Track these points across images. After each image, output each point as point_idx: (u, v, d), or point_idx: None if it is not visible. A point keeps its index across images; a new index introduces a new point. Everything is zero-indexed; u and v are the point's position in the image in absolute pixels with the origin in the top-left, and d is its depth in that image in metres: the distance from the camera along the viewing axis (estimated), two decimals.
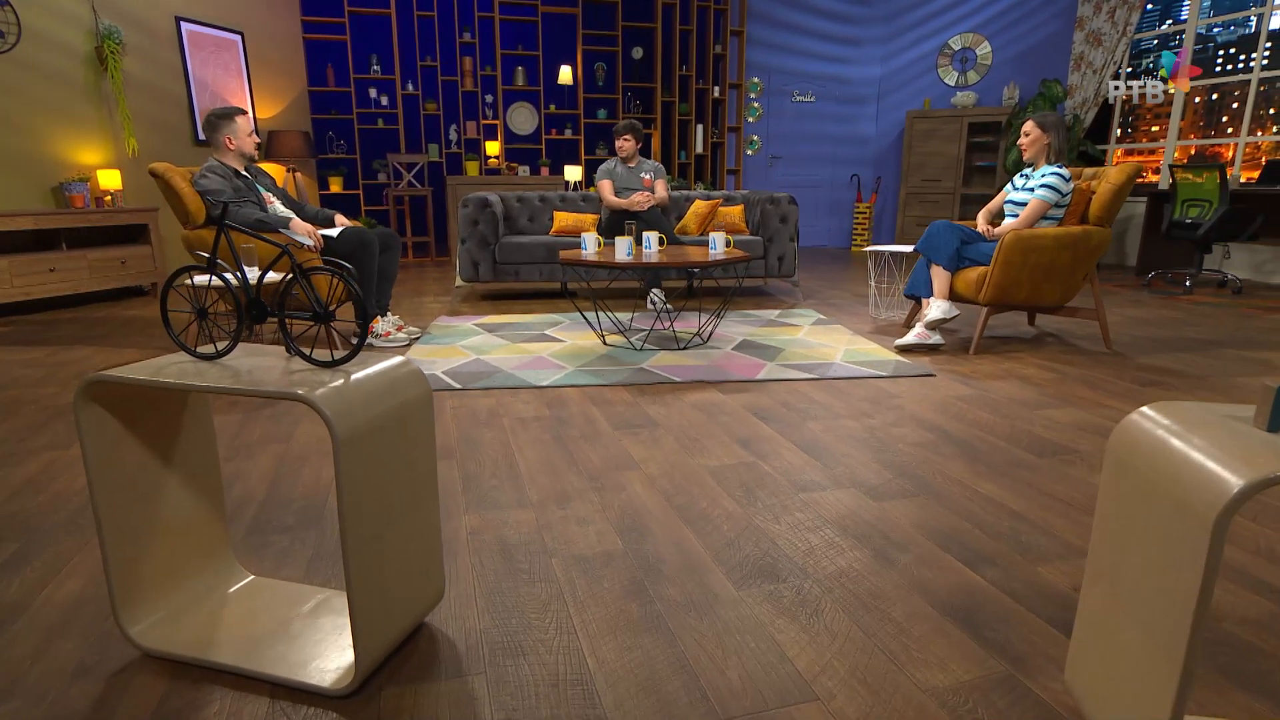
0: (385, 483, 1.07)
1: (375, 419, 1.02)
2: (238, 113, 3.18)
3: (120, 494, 1.14)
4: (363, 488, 1.01)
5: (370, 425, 1.01)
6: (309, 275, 1.04)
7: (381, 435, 1.04)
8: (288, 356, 1.13)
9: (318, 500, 1.73)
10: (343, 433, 0.95)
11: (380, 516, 1.06)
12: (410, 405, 1.11)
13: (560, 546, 1.51)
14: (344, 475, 0.96)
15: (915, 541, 1.53)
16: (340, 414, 0.96)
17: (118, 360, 3.10)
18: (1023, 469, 1.93)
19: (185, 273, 1.08)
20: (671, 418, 2.34)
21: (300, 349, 1.07)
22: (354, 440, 0.98)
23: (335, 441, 0.94)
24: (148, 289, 4.99)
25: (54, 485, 1.82)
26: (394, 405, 1.07)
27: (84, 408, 1.07)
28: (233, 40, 5.73)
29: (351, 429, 0.97)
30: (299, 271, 1.03)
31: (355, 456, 0.98)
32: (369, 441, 1.01)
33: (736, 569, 1.42)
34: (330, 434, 0.93)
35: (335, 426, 0.94)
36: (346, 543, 1.00)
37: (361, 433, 0.99)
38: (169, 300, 3.99)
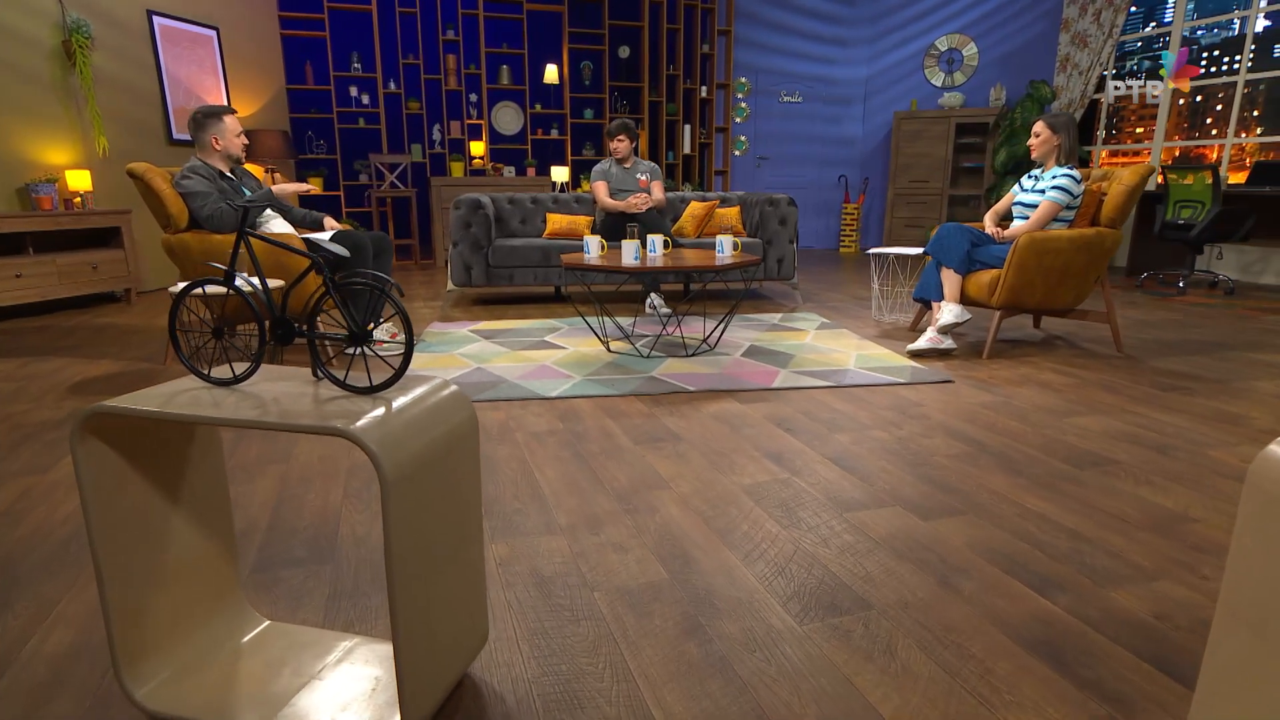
0: (433, 522, 0.95)
1: (422, 452, 0.90)
2: (226, 112, 3.01)
3: (122, 537, 1.00)
4: (411, 531, 0.89)
5: (418, 460, 0.89)
6: (344, 290, 0.91)
7: (429, 470, 0.92)
8: (314, 380, 1.01)
9: (328, 528, 1.60)
10: (391, 472, 0.83)
11: (429, 560, 0.94)
12: (456, 433, 0.99)
13: (600, 578, 1.40)
14: (392, 520, 0.84)
15: (975, 565, 1.44)
16: (387, 450, 0.83)
17: (93, 372, 2.91)
18: (1066, 482, 1.85)
19: (198, 286, 0.95)
20: (692, 430, 2.24)
21: (332, 373, 0.95)
22: (402, 480, 0.86)
23: (384, 483, 0.82)
24: (120, 295, 4.76)
25: (32, 516, 1.67)
26: (440, 434, 0.95)
27: (82, 442, 0.93)
28: (208, 35, 5.51)
29: (400, 467, 0.85)
30: (333, 286, 0.91)
31: (404, 497, 0.86)
32: (417, 479, 0.89)
33: (794, 600, 1.32)
34: (378, 475, 0.81)
35: (384, 466, 0.82)
36: (395, 594, 0.87)
37: (409, 470, 0.87)
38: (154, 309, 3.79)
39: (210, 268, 2.81)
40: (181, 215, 2.89)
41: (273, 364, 1.09)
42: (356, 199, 6.91)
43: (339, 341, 0.91)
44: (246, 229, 0.97)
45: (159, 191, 2.81)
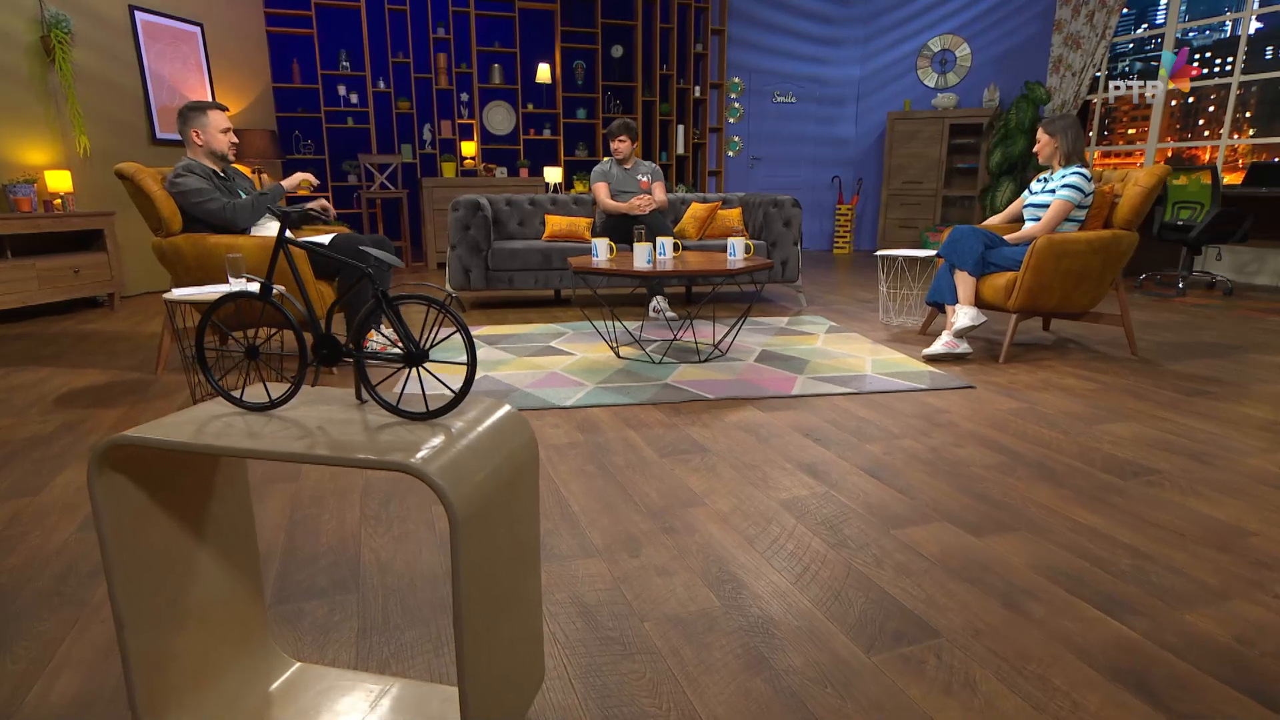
0: (499, 558, 0.86)
1: (487, 484, 0.81)
2: (210, 106, 2.89)
3: (144, 577, 0.90)
4: (479, 571, 0.80)
5: (484, 493, 0.80)
6: (397, 305, 0.82)
7: (494, 502, 0.83)
8: (358, 404, 0.91)
9: (348, 554, 1.50)
10: (461, 510, 0.74)
11: (494, 599, 0.85)
12: (516, 459, 0.90)
13: (648, 605, 1.31)
14: (463, 562, 0.75)
15: (1039, 586, 1.38)
16: (455, 485, 0.74)
17: (79, 383, 2.78)
18: (1112, 493, 1.79)
19: (231, 300, 0.86)
20: (718, 441, 2.16)
21: (383, 397, 0.85)
22: (471, 518, 0.76)
23: (454, 523, 0.73)
24: (103, 300, 4.59)
25: (24, 544, 1.55)
26: (502, 461, 0.86)
27: (101, 476, 0.83)
28: (191, 32, 5.35)
29: (468, 503, 0.76)
30: (385, 301, 0.81)
31: (472, 536, 0.77)
32: (484, 514, 0.80)
33: (858, 629, 1.25)
34: (448, 514, 0.72)
35: (454, 505, 0.73)
36: (464, 642, 0.78)
37: (477, 505, 0.78)
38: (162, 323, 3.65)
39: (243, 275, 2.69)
40: (174, 218, 2.76)
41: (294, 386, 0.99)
42: (345, 200, 6.76)
43: (394, 362, 0.82)
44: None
45: (150, 193, 2.68)
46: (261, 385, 0.94)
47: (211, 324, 2.98)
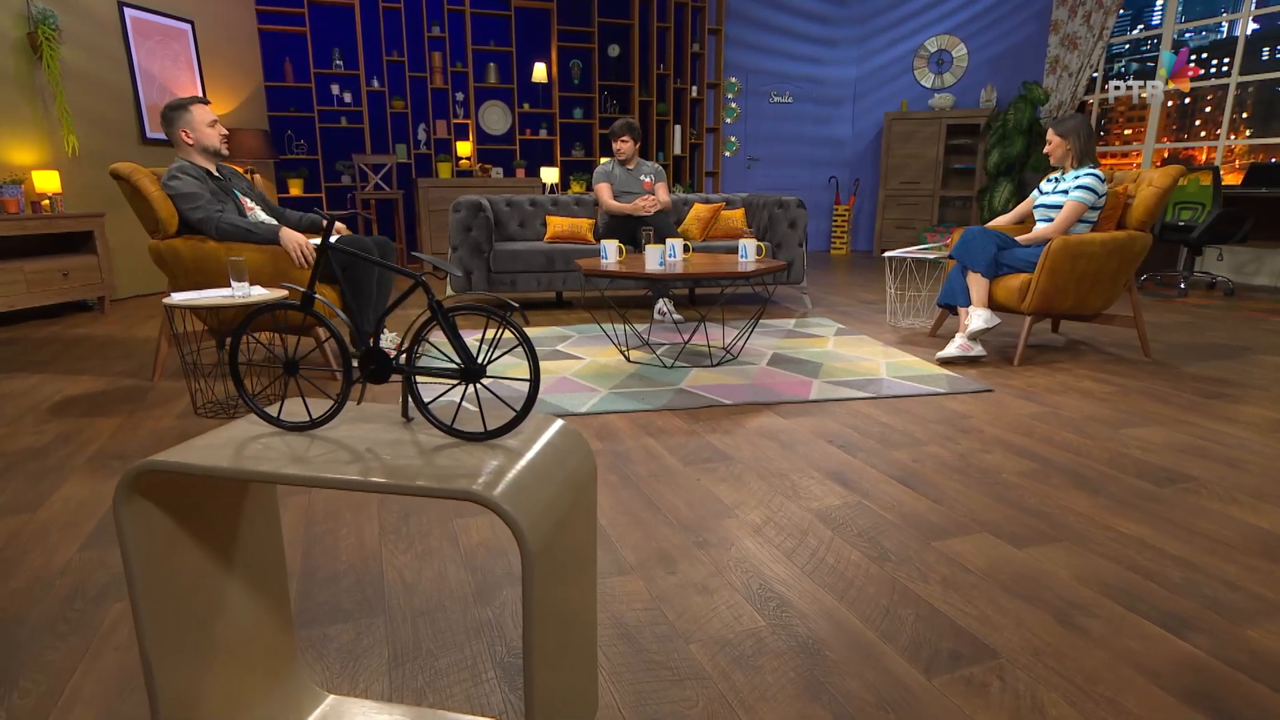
0: (565, 588, 0.79)
1: (554, 511, 0.75)
2: (193, 101, 2.77)
3: (172, 610, 0.83)
4: (549, 606, 0.74)
5: (552, 522, 0.74)
6: (451, 316, 0.76)
7: (560, 529, 0.77)
8: (404, 422, 0.85)
9: (370, 573, 1.43)
10: (534, 543, 0.68)
11: (561, 633, 0.79)
12: (576, 480, 0.84)
13: (691, 626, 1.25)
14: (535, 598, 0.69)
15: (1093, 601, 1.33)
16: (526, 514, 0.68)
17: (74, 390, 2.68)
18: (1150, 501, 1.75)
19: (267, 311, 0.79)
20: (741, 449, 2.10)
21: (436, 417, 0.79)
22: (544, 551, 0.70)
23: (526, 557, 0.67)
24: (93, 304, 4.48)
25: (25, 565, 1.47)
26: (563, 485, 0.80)
27: (128, 504, 0.76)
28: (182, 29, 5.23)
29: (541, 535, 0.70)
30: (439, 312, 0.75)
31: (544, 569, 0.71)
32: (552, 544, 0.74)
33: (912, 649, 1.19)
34: (521, 548, 0.66)
35: (527, 538, 0.66)
36: (532, 682, 0.72)
37: (548, 535, 0.72)
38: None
39: (286, 288, 2.54)
40: (172, 219, 2.67)
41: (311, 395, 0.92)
42: (339, 201, 6.65)
43: (448, 377, 0.75)
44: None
45: (147, 194, 2.59)
46: (283, 401, 0.87)
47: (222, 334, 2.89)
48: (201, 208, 2.65)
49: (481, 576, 1.41)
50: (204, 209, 2.65)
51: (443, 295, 4.16)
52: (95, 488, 1.83)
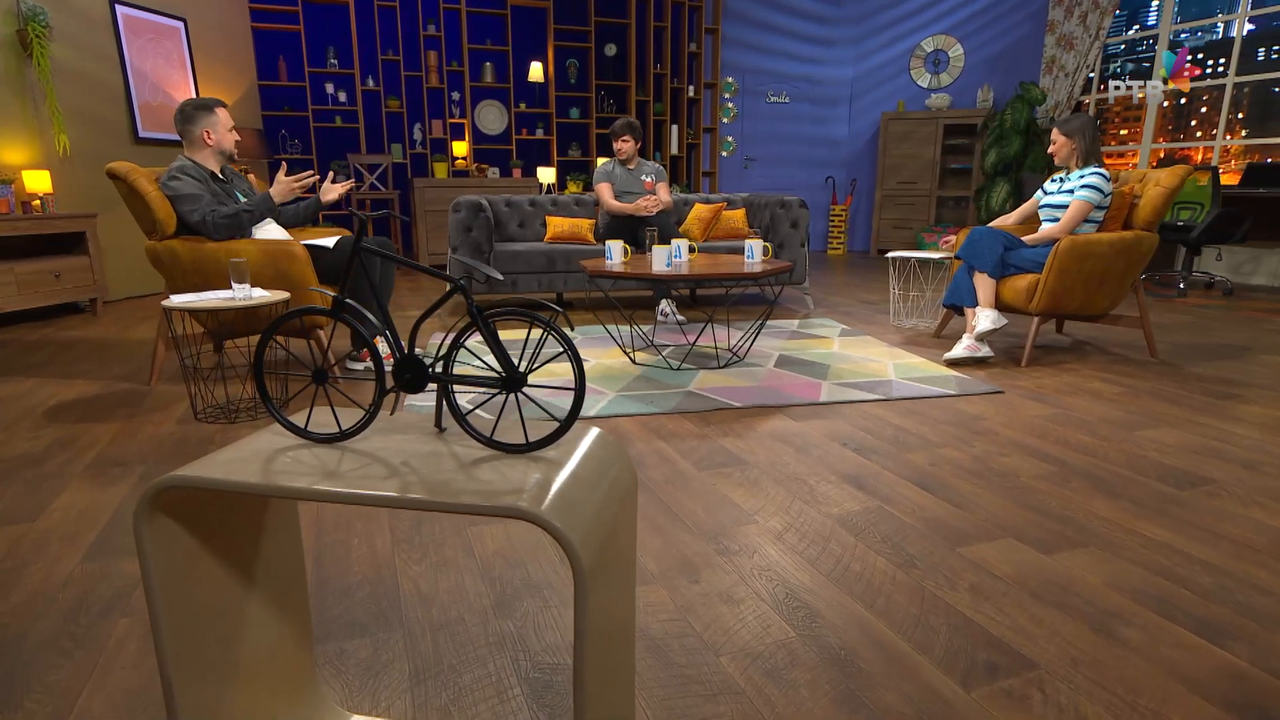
0: (613, 607, 0.76)
1: (599, 523, 0.71)
2: (217, 104, 2.75)
3: (193, 632, 0.79)
4: (599, 627, 0.70)
5: (601, 540, 0.70)
6: (492, 323, 0.72)
7: (607, 545, 0.73)
8: (436, 432, 0.81)
9: (384, 584, 1.39)
10: (587, 561, 0.64)
11: (608, 652, 0.76)
12: (617, 491, 0.81)
13: (720, 638, 1.22)
14: (589, 620, 0.65)
15: (1127, 608, 1.30)
16: (578, 531, 0.65)
17: (69, 394, 2.62)
18: (1171, 505, 1.73)
19: (295, 317, 0.75)
20: (755, 452, 2.07)
21: (474, 427, 0.75)
22: (596, 570, 0.67)
23: (580, 577, 0.63)
24: (85, 305, 4.40)
25: (27, 578, 1.42)
26: (607, 498, 0.77)
27: (149, 522, 0.72)
28: (174, 27, 5.16)
29: (592, 552, 0.66)
30: (480, 321, 0.71)
31: (595, 589, 0.67)
32: (602, 562, 0.70)
33: (948, 660, 1.16)
34: (574, 570, 0.62)
35: (581, 558, 0.63)
36: (584, 709, 0.68)
37: (598, 552, 0.68)
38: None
39: (316, 294, 2.51)
40: (170, 220, 2.61)
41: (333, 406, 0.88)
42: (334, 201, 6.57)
43: (488, 386, 0.72)
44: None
45: (144, 194, 2.54)
46: (311, 411, 0.84)
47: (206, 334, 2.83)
48: (199, 211, 2.60)
49: (500, 588, 1.38)
50: (201, 212, 2.60)
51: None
52: (95, 496, 1.78)
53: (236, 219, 2.62)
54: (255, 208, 2.68)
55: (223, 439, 2.18)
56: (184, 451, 2.08)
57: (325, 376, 0.77)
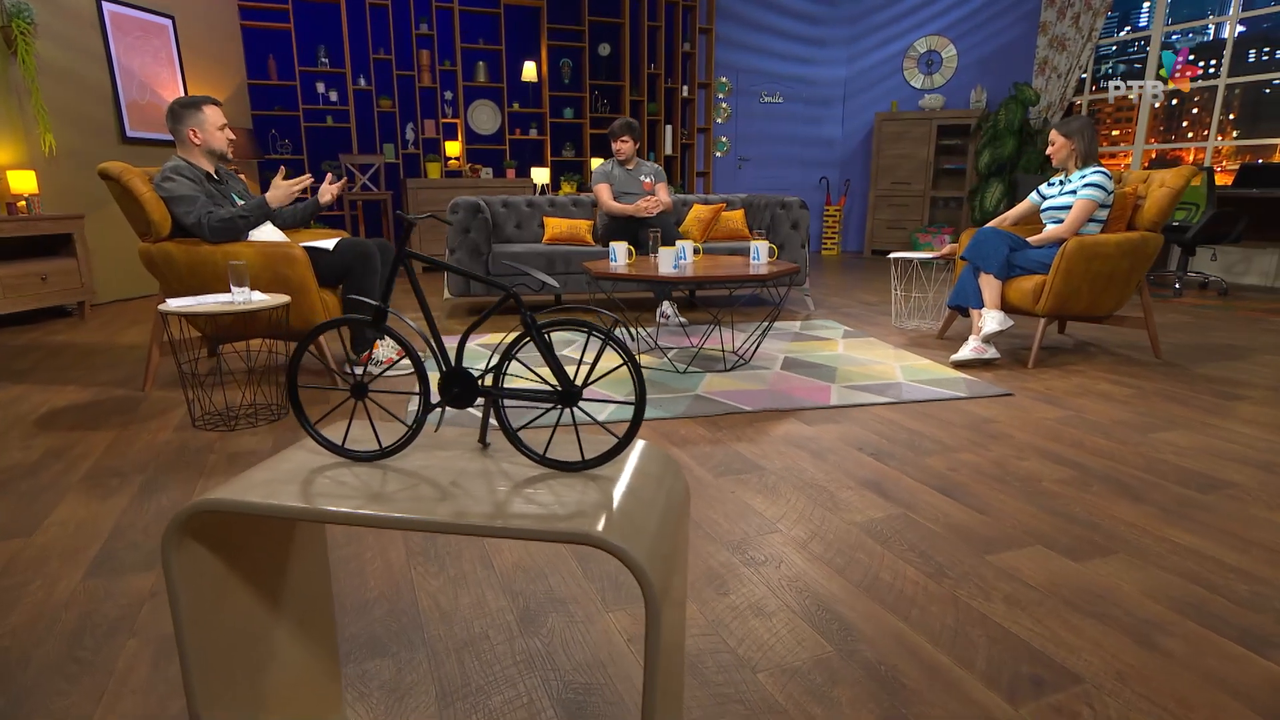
0: (676, 630, 0.72)
1: (662, 544, 0.67)
2: (206, 101, 2.67)
3: (222, 660, 0.74)
4: (667, 654, 0.66)
5: (664, 558, 0.66)
6: (545, 333, 0.68)
7: (671, 567, 0.69)
8: (480, 448, 0.76)
9: (403, 600, 1.34)
10: (659, 586, 0.60)
11: (670, 674, 0.71)
12: (676, 509, 0.77)
13: (755, 654, 1.18)
14: (662, 651, 0.61)
15: (1166, 618, 1.28)
16: (649, 557, 0.60)
17: (60, 401, 2.55)
18: (1195, 509, 1.72)
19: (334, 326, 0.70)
20: (771, 458, 2.03)
21: (526, 444, 0.71)
22: (665, 597, 0.63)
23: (651, 606, 0.59)
24: (73, 309, 4.31)
25: (26, 597, 1.36)
26: (665, 514, 0.73)
27: (178, 550, 0.67)
28: (162, 25, 5.06)
29: (659, 576, 0.62)
30: (534, 330, 0.67)
31: (665, 616, 0.63)
32: (669, 587, 0.66)
33: (990, 674, 1.13)
34: (645, 594, 0.58)
35: (654, 587, 0.59)
36: None
37: (665, 577, 0.64)
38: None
39: (355, 302, 2.43)
40: (164, 222, 2.54)
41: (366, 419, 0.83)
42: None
43: (542, 400, 0.68)
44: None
45: (139, 195, 2.47)
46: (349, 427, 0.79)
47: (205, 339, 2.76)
48: (195, 212, 2.53)
49: (523, 602, 1.33)
50: (197, 213, 2.54)
51: (442, 296, 4.05)
52: (93, 508, 1.72)
53: (231, 224, 2.55)
54: (250, 213, 2.61)
55: (223, 447, 2.12)
56: (184, 460, 2.01)
57: (365, 391, 0.72)
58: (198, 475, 1.91)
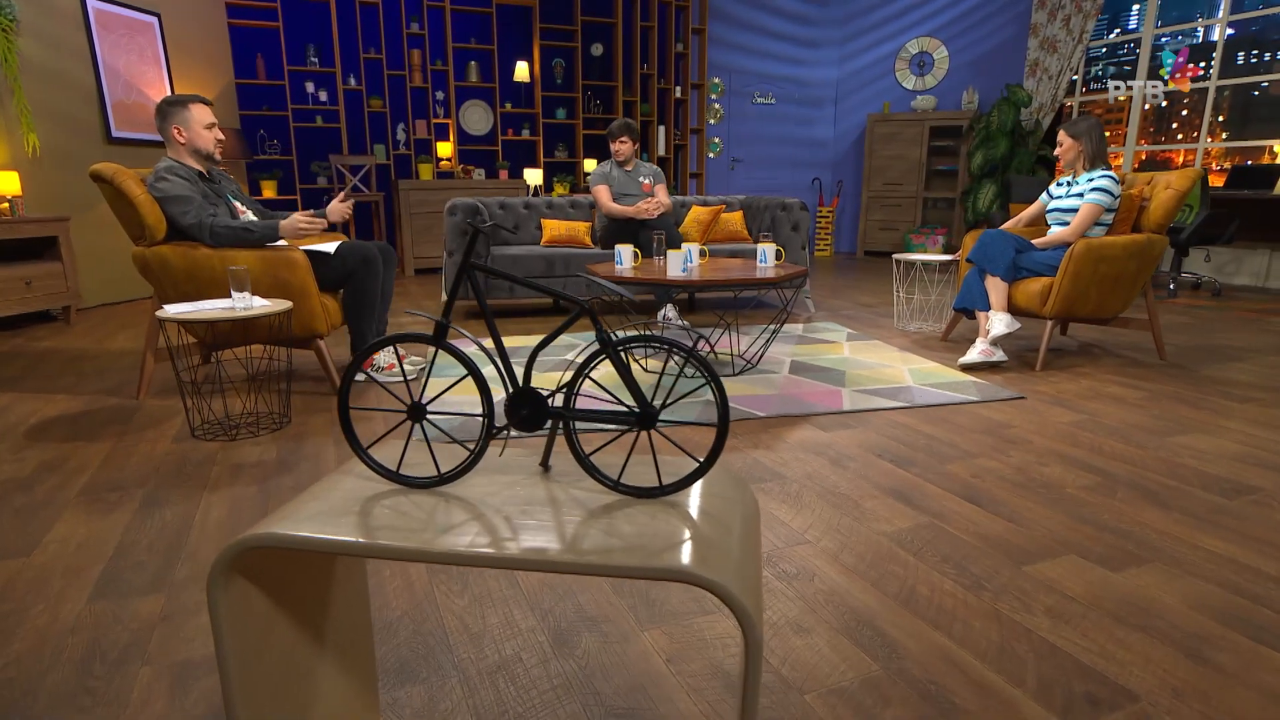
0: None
1: (752, 575, 0.63)
2: (193, 100, 2.59)
3: (269, 703, 0.69)
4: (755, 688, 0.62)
5: (756, 594, 0.62)
6: (622, 351, 0.63)
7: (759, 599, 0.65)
8: (542, 472, 0.72)
9: (429, 622, 1.29)
10: (757, 619, 0.56)
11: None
12: (752, 530, 0.72)
13: (800, 674, 1.14)
14: (758, 689, 0.57)
15: (1213, 631, 1.25)
16: (745, 592, 0.56)
17: (50, 411, 2.46)
18: (1224, 515, 1.70)
19: (392, 342, 0.66)
20: (790, 466, 2.00)
21: (603, 473, 0.66)
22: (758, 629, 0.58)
23: (753, 646, 0.55)
24: (57, 314, 4.19)
25: (28, 622, 1.29)
26: (745, 541, 0.68)
27: (226, 587, 0.62)
28: (148, 22, 4.95)
29: (757, 613, 0.58)
30: (610, 347, 0.63)
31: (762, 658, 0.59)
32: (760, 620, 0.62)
33: (1043, 692, 1.10)
34: (745, 636, 0.54)
35: (755, 628, 0.54)
36: None
37: (759, 610, 0.60)
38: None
39: (415, 317, 2.33)
40: (159, 225, 2.46)
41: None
42: (315, 203, 6.39)
43: (618, 423, 0.63)
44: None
45: (133, 197, 2.39)
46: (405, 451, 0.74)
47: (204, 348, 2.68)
48: (193, 212, 2.46)
49: (554, 621, 1.28)
50: (195, 213, 2.46)
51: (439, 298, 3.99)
52: (94, 524, 1.65)
53: (236, 236, 2.47)
54: (259, 233, 2.49)
55: (225, 458, 2.05)
56: (185, 473, 1.94)
57: (423, 412, 0.67)
58: (201, 489, 1.85)
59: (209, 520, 1.68)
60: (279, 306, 2.23)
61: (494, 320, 0.65)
